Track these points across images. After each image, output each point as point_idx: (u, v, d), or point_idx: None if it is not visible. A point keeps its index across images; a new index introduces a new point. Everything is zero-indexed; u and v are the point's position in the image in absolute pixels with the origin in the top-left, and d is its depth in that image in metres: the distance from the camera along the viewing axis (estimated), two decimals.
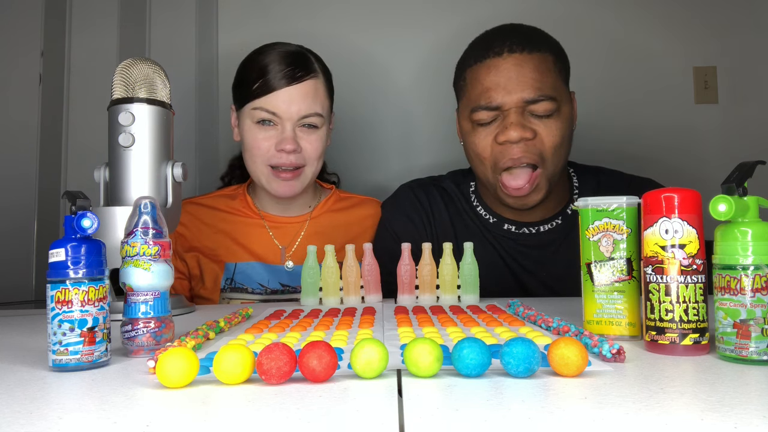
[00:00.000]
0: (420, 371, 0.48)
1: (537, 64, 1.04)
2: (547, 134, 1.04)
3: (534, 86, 1.03)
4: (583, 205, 0.66)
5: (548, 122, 1.04)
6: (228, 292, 1.21)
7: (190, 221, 1.24)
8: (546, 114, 1.03)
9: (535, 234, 1.15)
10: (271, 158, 1.15)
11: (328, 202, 1.29)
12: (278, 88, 1.13)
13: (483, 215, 1.18)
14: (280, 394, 0.44)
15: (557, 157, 1.06)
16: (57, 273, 0.54)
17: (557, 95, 1.04)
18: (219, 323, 0.70)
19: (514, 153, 1.03)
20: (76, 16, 1.75)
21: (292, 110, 1.14)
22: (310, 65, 1.17)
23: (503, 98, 1.03)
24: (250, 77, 1.16)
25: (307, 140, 1.16)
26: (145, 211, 0.61)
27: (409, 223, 1.22)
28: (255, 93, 1.14)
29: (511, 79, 1.03)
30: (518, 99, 1.03)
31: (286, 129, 1.14)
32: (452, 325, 0.69)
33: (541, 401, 0.41)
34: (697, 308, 0.55)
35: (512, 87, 1.03)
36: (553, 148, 1.04)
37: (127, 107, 0.92)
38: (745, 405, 0.39)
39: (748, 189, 0.54)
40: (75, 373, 0.53)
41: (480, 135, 1.07)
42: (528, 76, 1.03)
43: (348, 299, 0.97)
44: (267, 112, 1.14)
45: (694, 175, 1.79)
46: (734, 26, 1.81)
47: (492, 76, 1.04)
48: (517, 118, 1.03)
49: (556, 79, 1.05)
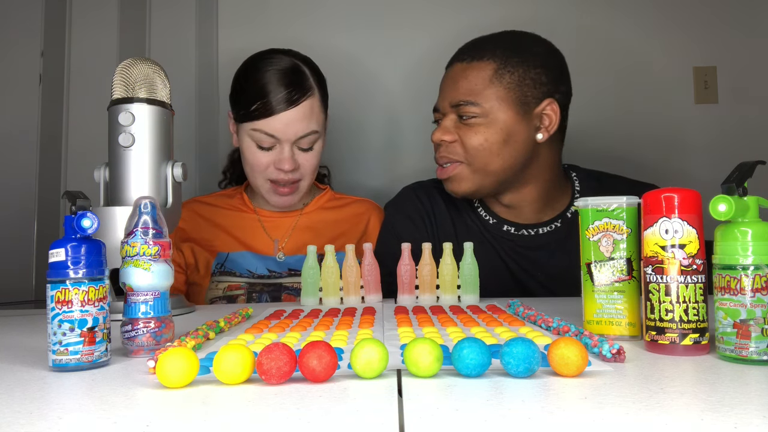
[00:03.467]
0: (420, 371, 0.48)
1: (471, 73, 1.10)
2: (468, 138, 1.10)
3: (459, 92, 1.10)
4: (583, 205, 0.66)
5: (474, 127, 1.10)
6: (217, 275, 1.25)
7: (189, 216, 1.30)
8: (469, 116, 1.09)
9: (533, 236, 1.17)
10: (270, 174, 1.21)
11: (321, 200, 1.34)
12: (277, 112, 1.17)
13: (483, 216, 1.20)
14: (280, 394, 0.44)
15: (484, 156, 1.10)
16: (57, 273, 0.54)
17: (483, 102, 1.08)
18: (219, 323, 0.70)
19: (440, 152, 1.15)
20: (76, 16, 1.75)
21: (290, 132, 1.18)
22: (306, 84, 1.20)
23: (440, 102, 1.15)
24: (248, 97, 1.19)
25: (304, 157, 1.22)
26: (145, 211, 0.61)
27: (410, 223, 1.23)
28: (253, 115, 1.18)
29: (447, 86, 1.14)
30: (446, 104, 1.13)
31: (285, 150, 1.19)
32: (452, 325, 0.69)
33: (541, 401, 0.41)
34: (697, 308, 0.55)
35: (446, 93, 1.14)
36: (474, 150, 1.10)
37: (127, 107, 0.91)
38: (745, 405, 0.39)
39: (748, 189, 0.54)
40: (75, 373, 0.53)
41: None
42: (460, 83, 1.11)
43: (348, 299, 0.97)
44: (266, 135, 1.18)
45: (694, 175, 1.79)
46: (734, 26, 1.81)
47: (442, 83, 1.17)
48: (444, 122, 1.13)
49: (489, 86, 1.09)
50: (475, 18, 1.78)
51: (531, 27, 1.21)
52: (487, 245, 1.17)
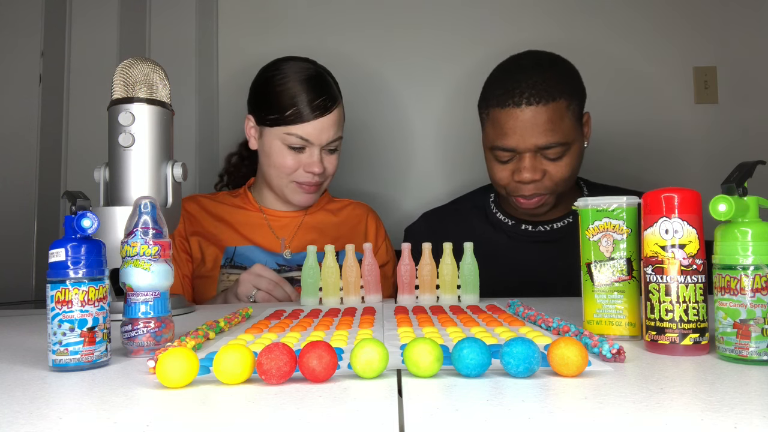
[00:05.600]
0: (420, 371, 0.47)
1: (551, 115, 1.14)
2: (556, 172, 1.17)
3: (546, 135, 1.14)
4: (583, 205, 0.66)
5: (559, 162, 1.17)
6: (227, 268, 1.28)
7: (195, 210, 1.32)
8: (556, 157, 1.16)
9: (549, 231, 1.27)
10: (298, 176, 1.26)
11: (322, 201, 1.39)
12: (313, 118, 1.22)
13: (503, 220, 1.31)
14: (280, 394, 0.44)
15: (567, 183, 1.20)
16: (57, 273, 0.54)
17: (568, 139, 1.15)
18: (219, 323, 0.70)
19: (527, 190, 1.18)
20: (76, 16, 1.74)
21: (323, 138, 1.24)
22: (333, 93, 1.27)
23: (518, 143, 1.15)
24: (280, 103, 1.23)
25: (328, 160, 1.28)
26: (145, 211, 0.61)
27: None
28: (287, 120, 1.23)
29: (527, 129, 1.14)
30: (531, 145, 1.14)
31: (314, 154, 1.25)
32: (452, 325, 0.69)
33: (541, 401, 0.41)
34: (697, 308, 0.55)
35: (527, 135, 1.14)
36: (562, 181, 1.18)
37: (127, 107, 0.91)
38: (745, 405, 0.39)
39: (748, 189, 0.53)
40: (75, 373, 0.53)
41: (498, 168, 1.21)
42: (541, 126, 1.14)
43: (348, 299, 0.97)
44: (300, 139, 1.23)
45: (694, 175, 1.79)
46: (734, 26, 1.81)
47: (510, 123, 1.15)
48: (530, 162, 1.16)
49: (568, 122, 1.15)
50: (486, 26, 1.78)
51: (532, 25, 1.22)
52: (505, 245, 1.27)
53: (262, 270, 1.10)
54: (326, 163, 1.28)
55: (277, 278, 1.11)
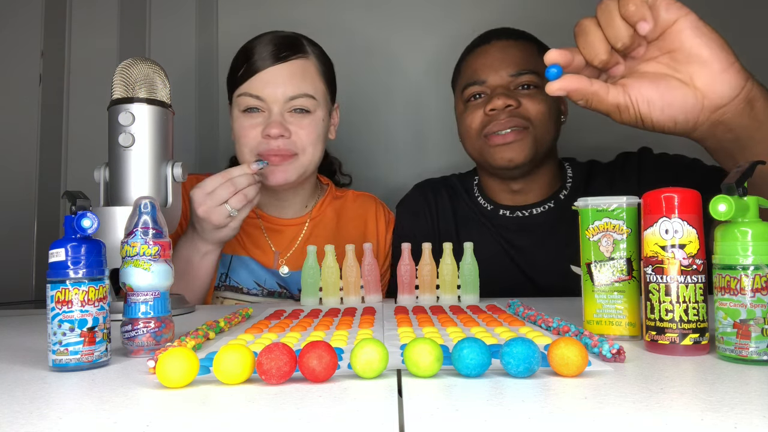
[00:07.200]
0: (420, 371, 0.47)
1: (521, 48, 1.16)
2: (531, 103, 1.13)
3: (517, 63, 1.14)
4: (583, 205, 0.66)
5: (533, 93, 1.13)
6: (222, 290, 1.17)
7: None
8: (530, 84, 1.13)
9: (528, 216, 1.22)
10: (259, 146, 1.08)
11: (324, 202, 1.26)
12: (262, 69, 1.07)
13: (482, 204, 1.26)
14: (280, 394, 0.44)
15: (543, 125, 1.14)
16: (57, 273, 0.54)
17: (540, 72, 1.11)
18: (219, 323, 0.70)
19: (500, 119, 1.12)
20: (76, 16, 1.74)
21: (278, 92, 1.07)
22: (299, 46, 1.11)
23: (489, 75, 1.15)
24: (236, 63, 1.13)
25: (298, 125, 1.08)
26: (145, 211, 0.61)
27: (414, 219, 1.30)
28: (241, 78, 1.09)
29: (497, 59, 1.15)
30: (503, 75, 1.14)
31: (273, 113, 1.07)
32: (452, 325, 0.69)
33: (541, 401, 0.41)
34: (697, 308, 0.55)
35: (497, 65, 1.14)
36: (538, 115, 1.13)
37: (127, 107, 0.91)
38: (745, 405, 0.39)
39: (748, 189, 0.53)
40: (75, 373, 0.53)
41: (471, 110, 1.17)
42: (512, 55, 1.14)
43: (348, 299, 0.97)
44: (251, 96, 1.08)
45: None
46: (734, 26, 1.80)
47: (481, 59, 1.17)
48: (503, 91, 1.13)
49: (539, 61, 1.12)
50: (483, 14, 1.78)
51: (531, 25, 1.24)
52: (484, 229, 1.23)
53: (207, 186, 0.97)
54: (294, 128, 1.07)
55: (223, 176, 0.98)
